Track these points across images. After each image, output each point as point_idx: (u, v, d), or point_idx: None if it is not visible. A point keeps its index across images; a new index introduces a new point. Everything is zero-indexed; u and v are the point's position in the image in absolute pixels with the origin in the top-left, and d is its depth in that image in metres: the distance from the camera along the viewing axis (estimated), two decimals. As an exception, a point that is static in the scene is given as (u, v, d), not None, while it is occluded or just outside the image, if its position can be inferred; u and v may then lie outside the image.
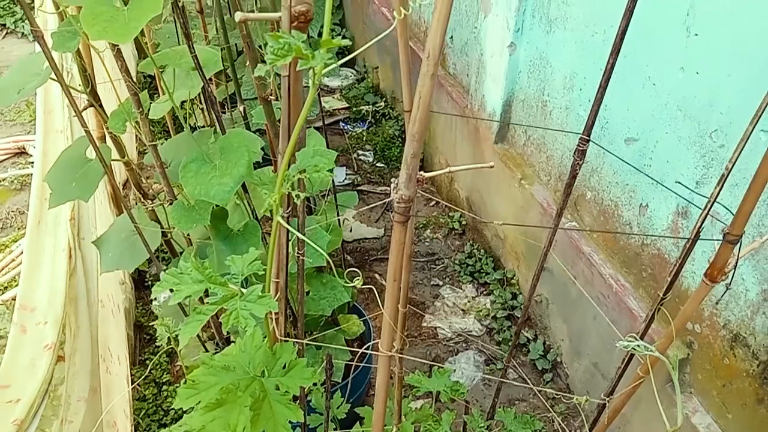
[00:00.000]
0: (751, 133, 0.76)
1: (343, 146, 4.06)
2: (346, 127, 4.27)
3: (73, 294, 1.93)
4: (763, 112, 0.75)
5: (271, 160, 2.29)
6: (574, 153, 1.01)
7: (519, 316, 2.82)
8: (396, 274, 0.80)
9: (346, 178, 3.85)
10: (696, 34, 1.70)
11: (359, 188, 3.78)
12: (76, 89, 1.61)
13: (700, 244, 1.77)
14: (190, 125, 1.82)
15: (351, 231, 3.49)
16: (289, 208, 0.82)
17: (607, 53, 2.13)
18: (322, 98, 3.72)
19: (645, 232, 2.10)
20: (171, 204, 1.63)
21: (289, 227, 0.75)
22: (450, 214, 3.49)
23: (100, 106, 1.67)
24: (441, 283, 3.11)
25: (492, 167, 0.99)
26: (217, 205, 1.58)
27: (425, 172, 0.80)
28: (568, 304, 2.50)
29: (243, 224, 1.60)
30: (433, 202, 3.69)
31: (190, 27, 1.30)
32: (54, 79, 1.52)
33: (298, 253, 1.03)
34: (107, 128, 1.59)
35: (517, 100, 2.68)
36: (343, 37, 4.89)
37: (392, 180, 0.77)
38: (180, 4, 1.43)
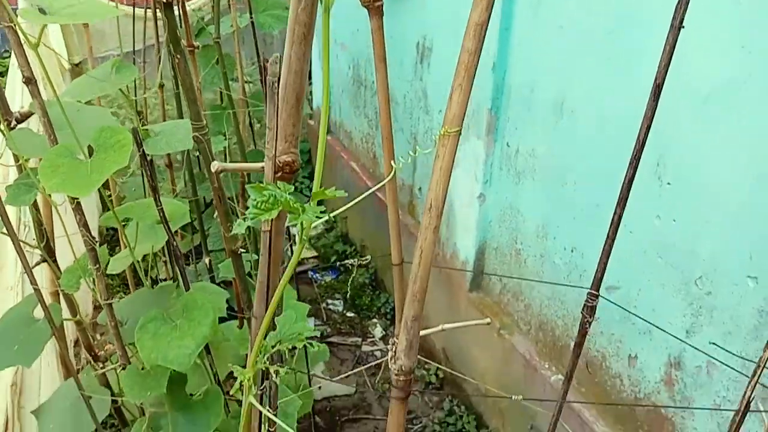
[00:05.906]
0: None
1: (312, 296, 3.94)
2: (314, 276, 4.17)
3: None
4: None
5: (237, 315, 2.15)
6: (583, 309, 0.93)
7: (507, 481, 2.57)
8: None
9: (315, 330, 3.68)
10: (668, 183, 1.72)
11: (329, 340, 3.60)
12: (29, 244, 1.50)
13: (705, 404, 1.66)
14: (151, 278, 1.70)
15: (320, 389, 3.26)
16: (263, 385, 0.70)
17: (579, 202, 2.13)
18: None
19: (636, 385, 1.97)
20: (124, 369, 1.46)
21: (263, 409, 0.62)
22: (426, 366, 3.31)
23: (54, 261, 1.55)
24: (420, 445, 2.85)
25: (489, 324, 0.89)
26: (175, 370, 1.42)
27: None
28: (561, 468, 2.28)
29: (204, 391, 1.42)
30: (407, 354, 3.52)
31: (157, 179, 1.23)
32: (5, 234, 1.41)
33: (269, 430, 0.88)
34: (59, 285, 1.45)
35: (490, 248, 2.66)
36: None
37: (391, 342, 0.66)
38: (149, 158, 1.38)
